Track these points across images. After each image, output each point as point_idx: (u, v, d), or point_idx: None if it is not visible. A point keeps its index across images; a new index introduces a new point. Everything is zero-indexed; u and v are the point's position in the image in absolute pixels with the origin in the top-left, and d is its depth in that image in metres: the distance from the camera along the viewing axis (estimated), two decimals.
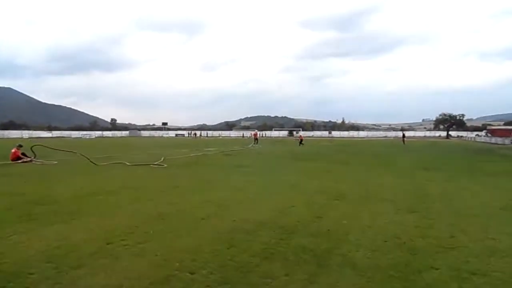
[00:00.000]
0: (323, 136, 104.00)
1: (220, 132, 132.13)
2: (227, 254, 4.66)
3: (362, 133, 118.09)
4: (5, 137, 70.05)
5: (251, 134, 51.47)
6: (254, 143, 40.54)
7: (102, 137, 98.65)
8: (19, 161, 17.35)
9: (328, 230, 5.80)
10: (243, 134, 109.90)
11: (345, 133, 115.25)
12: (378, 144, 50.15)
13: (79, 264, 4.30)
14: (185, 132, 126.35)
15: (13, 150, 17.91)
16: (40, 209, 7.20)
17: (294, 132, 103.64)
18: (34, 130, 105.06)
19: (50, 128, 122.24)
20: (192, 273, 4.04)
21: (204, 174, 13.35)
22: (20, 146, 18.50)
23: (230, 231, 5.70)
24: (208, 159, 20.85)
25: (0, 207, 7.35)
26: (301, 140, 40.80)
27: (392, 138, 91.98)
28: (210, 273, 4.04)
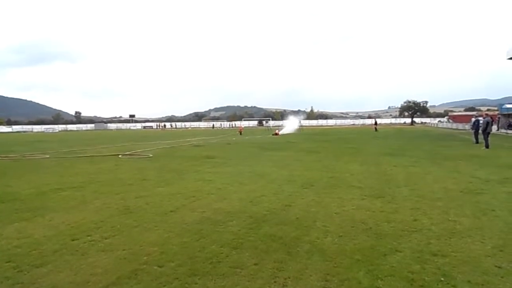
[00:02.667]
0: None
1: (190, 123, 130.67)
2: (196, 246, 4.64)
3: (330, 122, 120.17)
4: None
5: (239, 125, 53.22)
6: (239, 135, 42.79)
7: (66, 130, 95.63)
8: None
9: (297, 218, 5.88)
10: (213, 125, 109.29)
11: (314, 122, 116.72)
12: (346, 131, 51.08)
13: (42, 262, 4.16)
14: (153, 124, 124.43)
15: None
16: (0, 207, 6.92)
17: (264, 122, 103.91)
18: None
19: (10, 123, 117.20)
20: (160, 266, 4.00)
21: (173, 166, 13.17)
22: None
23: (199, 223, 5.67)
24: (176, 151, 20.58)
25: None
26: (277, 134, 41.41)
27: (359, 125, 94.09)
28: (178, 266, 4.01)
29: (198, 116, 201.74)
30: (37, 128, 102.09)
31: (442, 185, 8.57)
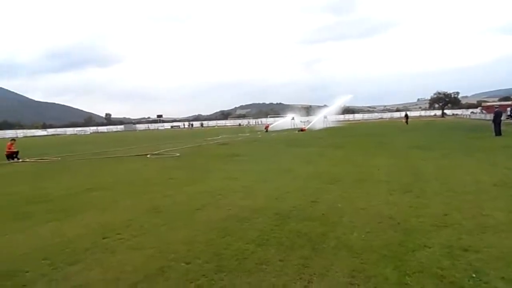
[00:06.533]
0: None
1: (216, 121, 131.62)
2: (222, 243, 4.68)
3: (357, 116, 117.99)
4: (0, 137, 69.33)
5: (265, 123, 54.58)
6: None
7: (97, 132, 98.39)
8: (14, 160, 17.51)
9: (323, 214, 5.83)
10: (239, 123, 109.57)
11: (340, 117, 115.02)
12: (373, 125, 50.20)
13: (75, 260, 4.31)
14: (180, 123, 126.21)
15: (8, 144, 18.69)
16: (35, 207, 7.20)
17: (291, 118, 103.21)
18: (29, 129, 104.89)
19: (45, 126, 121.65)
20: (187, 263, 4.06)
21: (199, 164, 13.34)
22: (13, 140, 19.43)
23: (225, 220, 5.72)
24: (203, 150, 20.82)
25: None
26: (303, 130, 41.06)
27: (387, 119, 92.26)
28: (205, 262, 4.06)
29: (224, 114, 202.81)
30: (70, 130, 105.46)
31: (474, 178, 8.29)
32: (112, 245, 4.79)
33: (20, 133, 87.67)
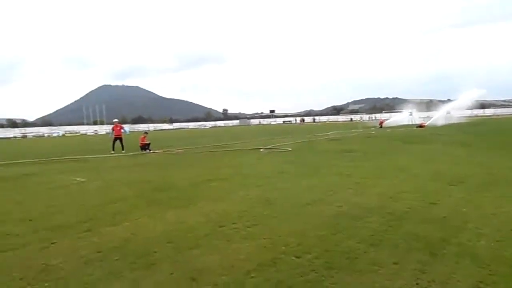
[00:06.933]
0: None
1: (328, 117, 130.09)
2: (332, 240, 4.64)
3: (488, 111, 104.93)
4: (136, 130, 78.75)
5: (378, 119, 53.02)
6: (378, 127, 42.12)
7: (215, 126, 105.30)
8: (146, 150, 19.76)
9: (444, 217, 5.38)
10: (351, 118, 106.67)
11: (467, 112, 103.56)
12: (507, 122, 44.26)
13: (195, 245, 4.70)
14: (292, 119, 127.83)
15: (141, 137, 21.23)
16: (163, 195, 8.02)
17: (408, 113, 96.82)
18: (158, 123, 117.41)
19: (171, 121, 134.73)
20: (297, 257, 4.13)
21: (310, 159, 13.36)
22: (146, 133, 22.07)
23: (335, 217, 5.65)
24: (314, 145, 20.79)
25: (131, 194, 8.35)
26: (422, 126, 38.23)
27: None
28: (315, 258, 4.07)
29: (336, 110, 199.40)
30: (192, 125, 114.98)
31: None
32: (228, 234, 5.10)
33: (151, 126, 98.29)
